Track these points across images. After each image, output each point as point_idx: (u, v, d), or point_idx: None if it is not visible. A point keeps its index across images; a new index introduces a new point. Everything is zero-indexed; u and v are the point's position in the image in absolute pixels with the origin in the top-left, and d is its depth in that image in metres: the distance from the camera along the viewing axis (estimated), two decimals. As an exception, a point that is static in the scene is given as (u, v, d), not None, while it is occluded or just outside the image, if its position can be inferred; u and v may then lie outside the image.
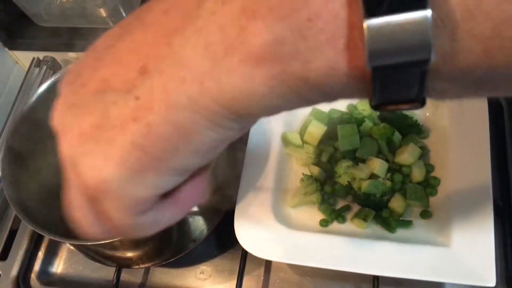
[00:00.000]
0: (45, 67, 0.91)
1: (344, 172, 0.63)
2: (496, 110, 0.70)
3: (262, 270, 0.70)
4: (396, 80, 0.22)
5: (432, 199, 0.64)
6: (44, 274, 0.75)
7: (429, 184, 0.64)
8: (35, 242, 0.76)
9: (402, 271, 0.57)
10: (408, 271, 0.57)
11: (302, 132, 0.69)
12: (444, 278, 0.56)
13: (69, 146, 0.26)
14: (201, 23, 0.23)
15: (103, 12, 0.88)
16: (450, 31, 0.20)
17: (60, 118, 0.27)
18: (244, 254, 0.67)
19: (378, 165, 0.62)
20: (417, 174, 0.64)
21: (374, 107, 0.24)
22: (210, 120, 0.24)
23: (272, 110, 0.25)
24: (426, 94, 0.23)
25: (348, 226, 0.64)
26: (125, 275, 0.72)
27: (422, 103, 0.24)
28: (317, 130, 0.67)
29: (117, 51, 0.26)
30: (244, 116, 0.25)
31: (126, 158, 0.25)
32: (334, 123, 0.68)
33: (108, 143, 0.25)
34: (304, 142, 0.69)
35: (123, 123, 0.25)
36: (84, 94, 0.26)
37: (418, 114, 0.69)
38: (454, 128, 0.65)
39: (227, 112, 0.24)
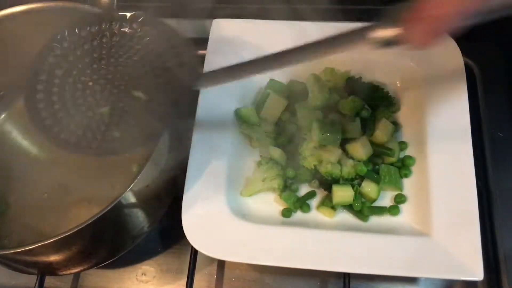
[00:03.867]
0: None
1: (310, 154, 0.54)
2: (469, 79, 0.64)
3: (214, 268, 0.61)
4: None
5: (406, 182, 0.57)
6: None
7: (404, 165, 0.56)
8: None
9: (377, 267, 0.50)
10: (384, 267, 0.50)
11: (259, 107, 0.60)
12: (425, 273, 0.49)
13: None
14: None
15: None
16: None
17: None
18: (195, 250, 0.58)
19: (360, 149, 0.55)
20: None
21: None
22: None
23: None
24: None
25: (314, 215, 0.57)
26: (50, 281, 0.62)
27: None
28: (276, 104, 0.58)
29: None
30: None
31: None
32: (295, 97, 0.59)
33: None
34: (261, 119, 0.60)
35: None
36: None
37: (389, 85, 0.61)
38: (429, 100, 0.58)
39: None
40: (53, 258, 0.53)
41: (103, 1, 0.57)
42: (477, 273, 0.48)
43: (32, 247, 0.47)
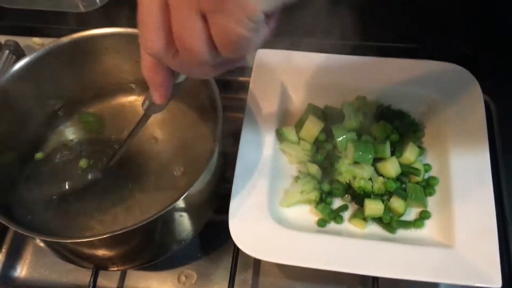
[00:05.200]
0: (7, 52, 0.82)
1: (345, 170, 0.60)
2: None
3: (250, 274, 0.65)
4: None
5: (430, 200, 0.62)
6: (5, 279, 0.67)
7: (428, 184, 0.62)
8: (-5, 241, 0.68)
9: (404, 272, 0.55)
10: (411, 272, 0.55)
11: (298, 127, 0.66)
12: (448, 279, 0.55)
13: None
14: None
15: (74, -5, 0.81)
16: None
17: None
18: (236, 256, 0.63)
19: (390, 167, 0.61)
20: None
21: None
22: None
23: None
24: None
25: (346, 226, 0.62)
26: (98, 279, 0.65)
27: None
28: (314, 126, 0.64)
29: None
30: None
31: None
32: (331, 120, 0.66)
33: None
34: (300, 138, 0.66)
35: None
36: None
37: (415, 113, 0.68)
38: (450, 128, 0.64)
39: None
40: (109, 252, 0.57)
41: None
42: (496, 281, 0.53)
43: (93, 239, 0.51)
